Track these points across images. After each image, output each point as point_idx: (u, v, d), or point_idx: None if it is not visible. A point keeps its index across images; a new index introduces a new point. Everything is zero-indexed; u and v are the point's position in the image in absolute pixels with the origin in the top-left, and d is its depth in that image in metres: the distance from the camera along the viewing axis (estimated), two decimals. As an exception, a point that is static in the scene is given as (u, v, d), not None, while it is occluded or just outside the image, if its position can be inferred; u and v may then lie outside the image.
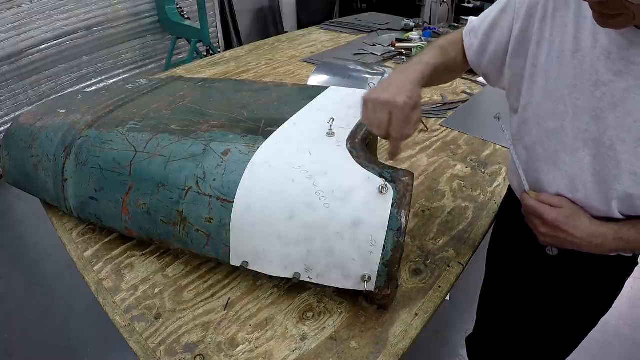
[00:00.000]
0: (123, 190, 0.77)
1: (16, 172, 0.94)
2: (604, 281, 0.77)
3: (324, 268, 0.65)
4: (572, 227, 0.61)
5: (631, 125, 0.54)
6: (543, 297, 0.83)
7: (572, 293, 0.79)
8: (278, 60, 1.91)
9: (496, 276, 0.98)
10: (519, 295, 0.88)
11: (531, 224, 0.67)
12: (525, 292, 0.86)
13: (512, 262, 0.90)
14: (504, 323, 0.95)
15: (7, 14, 2.59)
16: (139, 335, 0.66)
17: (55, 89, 2.96)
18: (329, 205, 0.63)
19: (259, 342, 0.65)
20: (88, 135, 0.83)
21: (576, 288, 0.78)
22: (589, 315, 0.82)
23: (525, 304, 0.87)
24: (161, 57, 3.58)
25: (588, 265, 0.73)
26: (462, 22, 3.43)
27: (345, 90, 1.05)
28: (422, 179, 1.06)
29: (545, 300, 0.83)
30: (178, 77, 1.27)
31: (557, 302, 0.81)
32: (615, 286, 0.79)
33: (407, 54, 1.92)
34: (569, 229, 0.61)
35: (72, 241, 0.86)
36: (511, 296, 0.91)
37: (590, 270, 0.74)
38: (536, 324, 0.86)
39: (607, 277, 0.77)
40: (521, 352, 0.91)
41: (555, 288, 0.81)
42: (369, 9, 3.97)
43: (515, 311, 0.90)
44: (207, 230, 0.70)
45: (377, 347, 0.64)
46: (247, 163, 0.69)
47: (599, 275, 0.75)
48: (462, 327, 1.55)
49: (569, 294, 0.79)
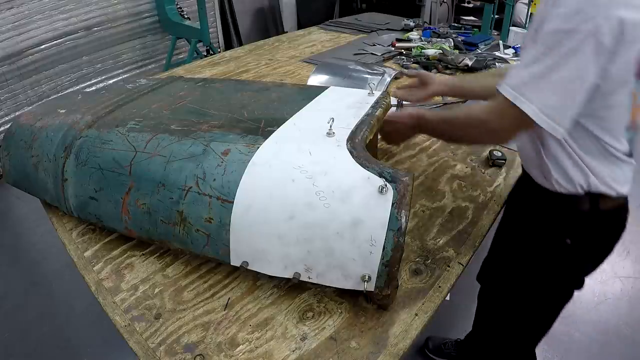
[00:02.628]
0: (123, 190, 0.77)
1: (16, 172, 0.95)
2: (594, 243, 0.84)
3: (324, 268, 0.65)
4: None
5: None
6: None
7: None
8: (278, 60, 1.91)
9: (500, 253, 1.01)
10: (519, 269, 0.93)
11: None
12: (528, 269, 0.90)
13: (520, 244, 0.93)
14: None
15: (7, 14, 2.59)
16: (139, 335, 0.66)
17: (55, 89, 2.96)
18: (329, 205, 0.63)
19: (259, 342, 0.65)
20: (88, 135, 0.83)
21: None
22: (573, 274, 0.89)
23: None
24: (161, 57, 3.58)
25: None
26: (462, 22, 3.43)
27: (345, 90, 1.05)
28: (422, 179, 1.06)
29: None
30: (178, 77, 1.27)
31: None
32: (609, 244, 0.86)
33: (407, 54, 1.92)
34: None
35: (72, 241, 0.86)
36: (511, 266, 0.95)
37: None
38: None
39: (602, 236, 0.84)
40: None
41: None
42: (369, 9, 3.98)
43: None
44: (207, 230, 0.70)
45: (377, 347, 0.64)
46: (247, 163, 0.69)
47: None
48: (462, 327, 1.55)
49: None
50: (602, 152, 0.73)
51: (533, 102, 0.63)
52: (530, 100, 0.63)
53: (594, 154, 0.73)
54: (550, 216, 0.82)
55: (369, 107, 0.88)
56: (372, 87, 0.99)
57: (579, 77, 0.61)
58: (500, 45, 2.02)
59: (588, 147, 0.73)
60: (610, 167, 0.74)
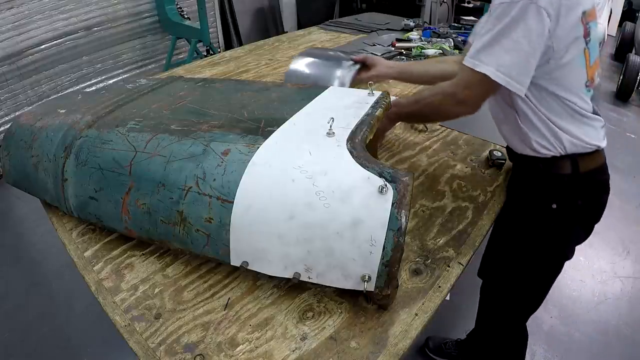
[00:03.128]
0: (123, 190, 0.77)
1: (16, 172, 0.95)
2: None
3: (324, 268, 0.65)
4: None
5: None
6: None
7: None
8: (278, 60, 1.91)
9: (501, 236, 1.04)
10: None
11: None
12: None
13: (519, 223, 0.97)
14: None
15: (7, 14, 2.59)
16: (139, 335, 0.66)
17: (55, 89, 2.96)
18: (329, 205, 0.63)
19: (259, 342, 0.65)
20: (88, 135, 0.83)
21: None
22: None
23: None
24: (161, 57, 3.58)
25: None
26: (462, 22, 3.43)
27: (345, 90, 1.05)
28: (422, 179, 1.06)
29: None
30: (178, 77, 1.27)
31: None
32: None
33: (407, 54, 1.92)
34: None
35: (72, 241, 0.86)
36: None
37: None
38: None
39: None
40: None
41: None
42: (369, 9, 3.98)
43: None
44: (207, 230, 0.70)
45: (377, 347, 0.64)
46: (247, 163, 0.69)
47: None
48: (462, 327, 1.55)
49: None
50: (569, 112, 0.81)
51: (490, 65, 0.74)
52: (487, 63, 0.74)
53: (562, 115, 0.81)
54: (534, 183, 0.89)
55: (369, 107, 0.88)
56: (349, 68, 1.14)
57: (526, 38, 0.71)
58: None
59: (555, 109, 0.81)
60: (581, 127, 0.82)
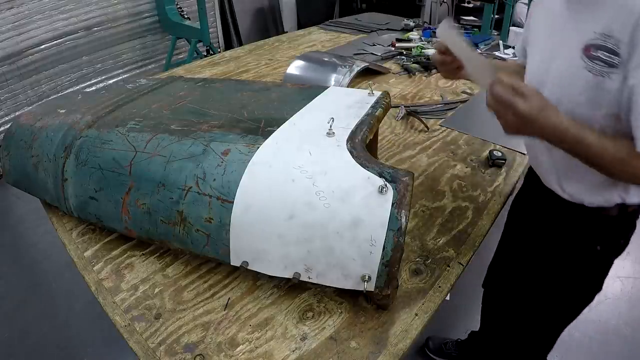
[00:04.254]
0: (123, 190, 0.77)
1: (16, 172, 0.94)
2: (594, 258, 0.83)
3: (324, 268, 0.65)
4: (543, 118, 0.60)
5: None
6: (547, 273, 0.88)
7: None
8: (278, 60, 1.91)
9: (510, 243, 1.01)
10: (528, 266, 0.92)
11: (500, 114, 0.64)
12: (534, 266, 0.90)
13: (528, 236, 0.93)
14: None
15: (7, 14, 2.59)
16: (139, 335, 0.66)
17: (55, 89, 2.96)
18: (329, 205, 0.63)
19: (259, 342, 0.65)
20: (88, 135, 0.83)
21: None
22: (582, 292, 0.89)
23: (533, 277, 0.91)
24: (161, 57, 3.58)
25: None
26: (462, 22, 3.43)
27: (345, 90, 1.05)
28: (422, 179, 1.06)
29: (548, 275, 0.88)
30: (178, 77, 1.27)
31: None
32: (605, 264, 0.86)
33: (407, 54, 1.92)
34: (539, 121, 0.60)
35: (72, 241, 0.86)
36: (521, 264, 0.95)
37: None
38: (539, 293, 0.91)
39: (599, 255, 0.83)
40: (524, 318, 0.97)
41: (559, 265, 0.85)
42: (369, 9, 3.98)
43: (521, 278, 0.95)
44: (207, 230, 0.70)
45: (377, 347, 0.64)
46: (247, 163, 0.69)
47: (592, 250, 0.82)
48: (462, 327, 1.55)
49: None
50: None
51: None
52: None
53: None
54: (578, 227, 0.81)
55: (369, 107, 0.88)
56: (341, 73, 1.10)
57: None
58: (501, 45, 2.02)
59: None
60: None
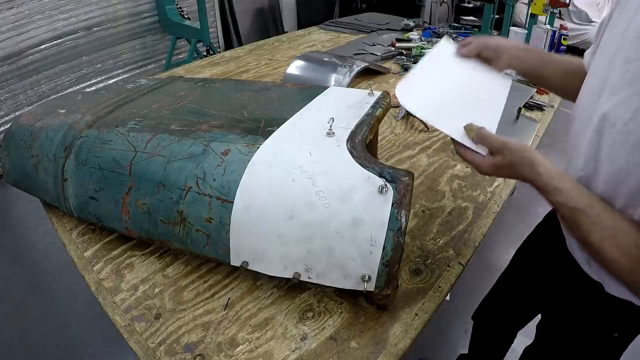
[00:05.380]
0: (123, 190, 0.77)
1: (16, 172, 0.94)
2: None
3: (324, 268, 0.65)
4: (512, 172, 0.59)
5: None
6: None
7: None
8: (278, 60, 1.91)
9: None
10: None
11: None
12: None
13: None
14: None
15: (7, 14, 2.59)
16: (139, 335, 0.66)
17: (55, 89, 2.96)
18: (329, 205, 0.63)
19: (259, 342, 0.65)
20: (88, 135, 0.83)
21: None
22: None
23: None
24: (161, 57, 3.58)
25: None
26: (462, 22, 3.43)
27: (345, 90, 1.05)
28: (422, 179, 1.06)
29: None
30: (178, 77, 1.27)
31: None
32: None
33: (407, 54, 1.92)
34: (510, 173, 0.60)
35: (72, 241, 0.86)
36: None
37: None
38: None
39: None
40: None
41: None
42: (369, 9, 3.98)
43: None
44: (207, 230, 0.70)
45: (377, 347, 0.64)
46: (247, 163, 0.69)
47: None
48: (462, 327, 1.55)
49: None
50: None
51: None
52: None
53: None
54: (595, 309, 0.73)
55: (369, 107, 0.88)
56: (341, 73, 1.10)
57: None
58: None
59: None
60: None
